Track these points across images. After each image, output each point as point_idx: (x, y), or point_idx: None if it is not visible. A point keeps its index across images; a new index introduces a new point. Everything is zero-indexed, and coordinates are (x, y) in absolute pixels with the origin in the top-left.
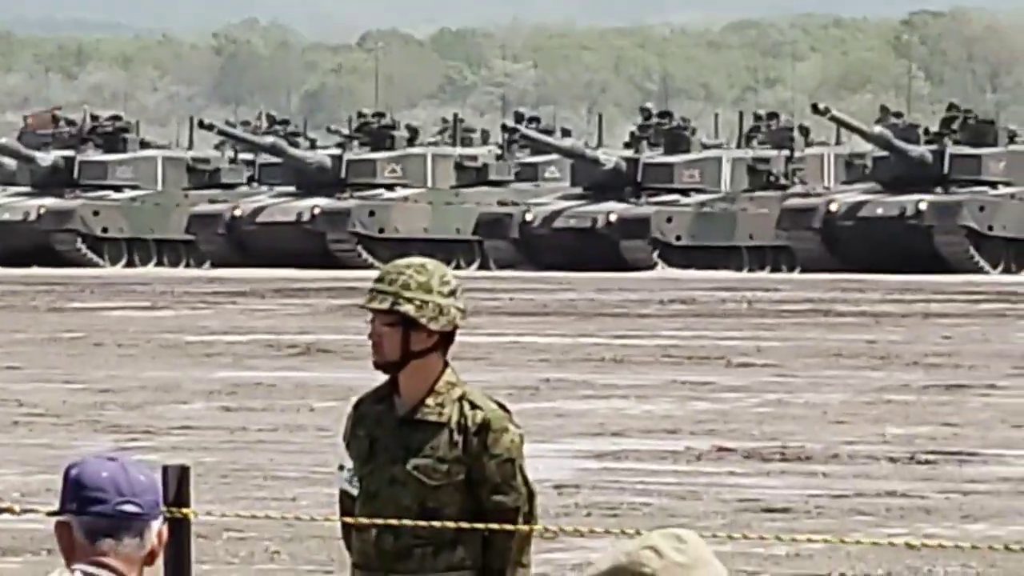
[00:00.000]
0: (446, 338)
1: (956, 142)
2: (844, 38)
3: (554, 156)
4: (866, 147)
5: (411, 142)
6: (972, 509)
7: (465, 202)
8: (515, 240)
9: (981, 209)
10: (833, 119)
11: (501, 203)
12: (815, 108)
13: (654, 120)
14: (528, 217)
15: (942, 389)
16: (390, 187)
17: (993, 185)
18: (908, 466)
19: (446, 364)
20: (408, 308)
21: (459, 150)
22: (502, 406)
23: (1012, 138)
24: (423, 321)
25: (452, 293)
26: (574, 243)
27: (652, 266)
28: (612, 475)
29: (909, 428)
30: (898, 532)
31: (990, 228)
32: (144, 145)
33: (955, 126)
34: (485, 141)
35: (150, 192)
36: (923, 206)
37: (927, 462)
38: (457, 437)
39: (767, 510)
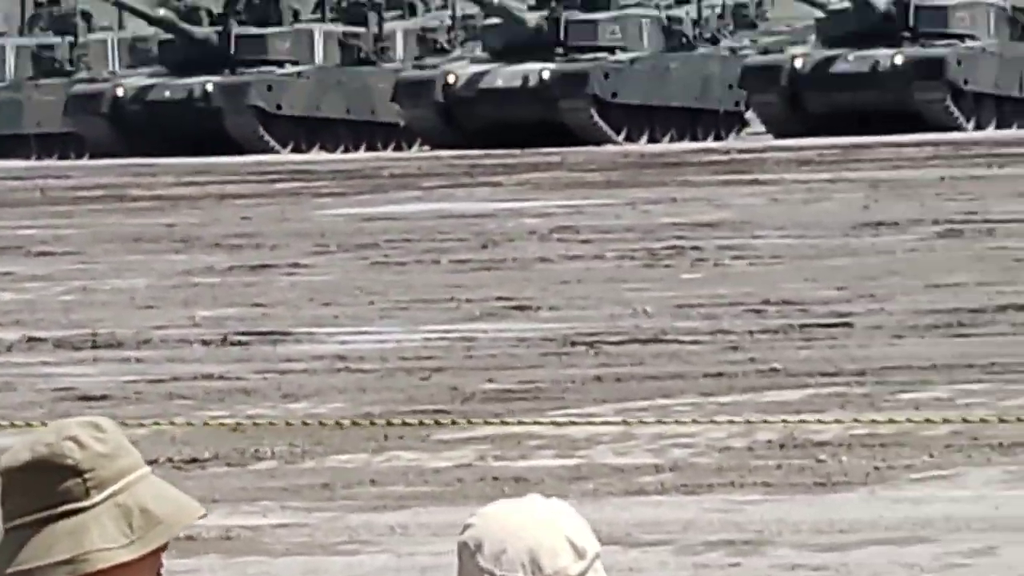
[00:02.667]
0: None
1: (241, 23)
2: None
3: None
4: (149, 31)
5: (296, 18)
6: (291, 388)
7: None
8: None
9: (269, 88)
10: (116, 4)
11: None
12: None
13: None
14: None
15: (247, 270)
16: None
17: (280, 64)
18: (222, 348)
19: None
20: None
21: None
22: None
23: (296, 16)
24: None
25: None
26: None
27: None
28: None
29: (218, 310)
30: (219, 414)
31: (278, 107)
32: None
33: (239, 7)
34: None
35: None
36: (210, 87)
37: (240, 343)
38: None
39: (84, 398)
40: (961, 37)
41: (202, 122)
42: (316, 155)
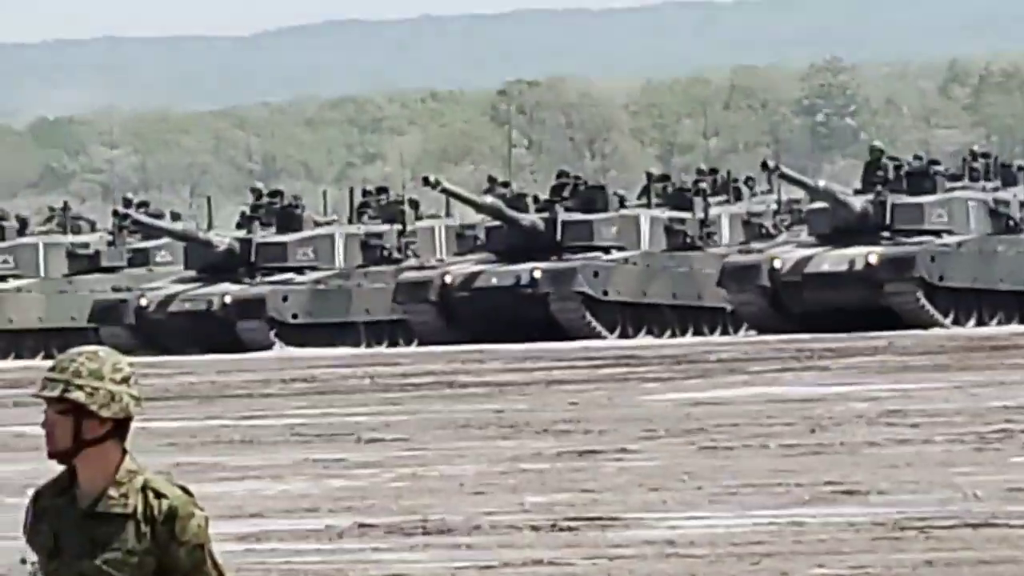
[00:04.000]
0: (120, 425)
1: (568, 209)
2: (442, 111)
3: (165, 240)
4: (476, 218)
5: (22, 232)
6: (620, 573)
7: (79, 290)
8: (131, 326)
9: (595, 275)
10: (444, 191)
11: (115, 289)
12: (426, 181)
13: (265, 200)
14: (143, 302)
15: (575, 455)
16: (2, 279)
17: (606, 250)
18: (551, 534)
19: (124, 452)
20: (78, 395)
21: (70, 238)
22: (185, 489)
23: (622, 203)
24: (94, 408)
25: (125, 380)
26: (190, 326)
27: (270, 346)
28: (256, 556)
29: (547, 496)
30: None
31: (605, 293)
32: None
33: (566, 193)
34: (94, 228)
35: None
36: (537, 274)
37: (569, 529)
38: (144, 528)
39: None
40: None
41: (529, 308)
42: (643, 340)
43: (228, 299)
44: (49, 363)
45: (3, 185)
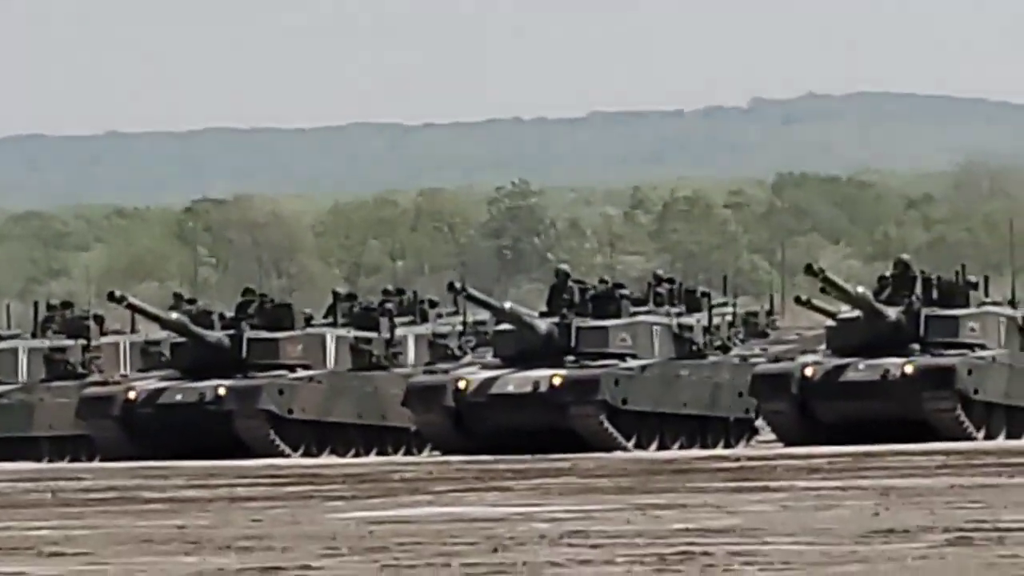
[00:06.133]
0: None
1: (253, 326)
2: (128, 228)
3: None
4: (161, 334)
5: (308, 323)
6: None
7: None
8: None
9: (280, 392)
10: (129, 307)
11: None
12: (111, 296)
13: None
14: None
15: (257, 572)
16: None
17: (292, 368)
18: None
19: None
20: None
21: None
22: None
23: (308, 321)
24: None
25: None
26: None
27: None
28: None
29: None
30: None
31: (290, 411)
32: None
33: (251, 310)
34: None
35: None
36: (222, 391)
37: None
38: None
39: None
40: (971, 347)
41: (213, 425)
42: (327, 459)
43: None
44: None
45: None
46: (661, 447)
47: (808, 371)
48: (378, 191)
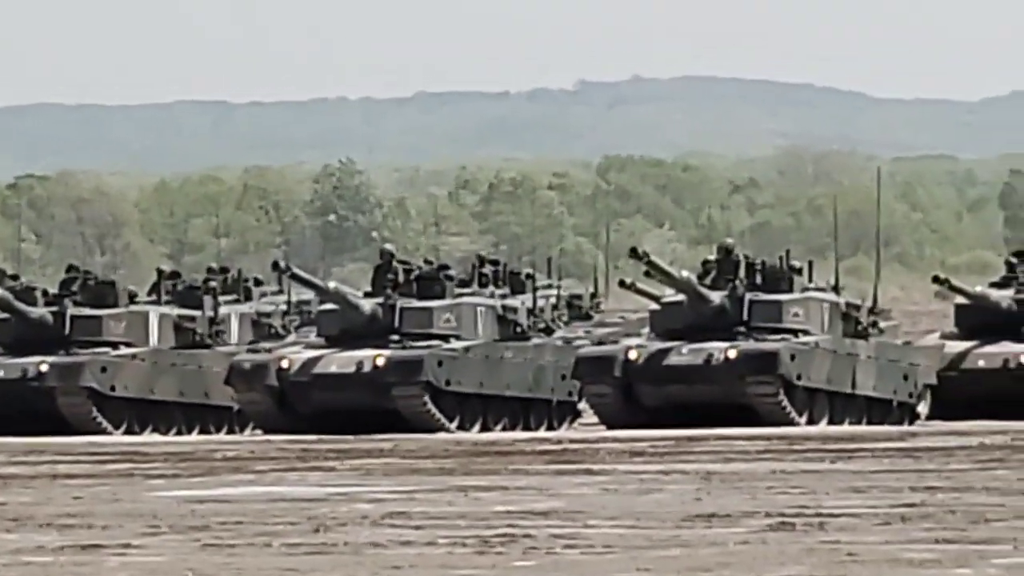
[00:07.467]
0: None
1: (77, 303)
2: None
3: None
4: None
5: (132, 300)
6: None
7: None
8: None
9: (103, 370)
10: None
11: None
12: None
13: None
14: None
15: (78, 549)
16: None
17: (115, 346)
18: None
19: None
20: None
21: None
22: None
23: (132, 299)
24: None
25: None
26: None
27: None
28: None
29: None
30: None
31: (112, 388)
32: None
33: (75, 287)
34: None
35: None
36: (44, 367)
37: None
38: None
39: None
40: (795, 332)
41: (35, 402)
42: (149, 437)
43: None
44: None
45: None
46: (484, 429)
47: (632, 354)
48: (202, 168)
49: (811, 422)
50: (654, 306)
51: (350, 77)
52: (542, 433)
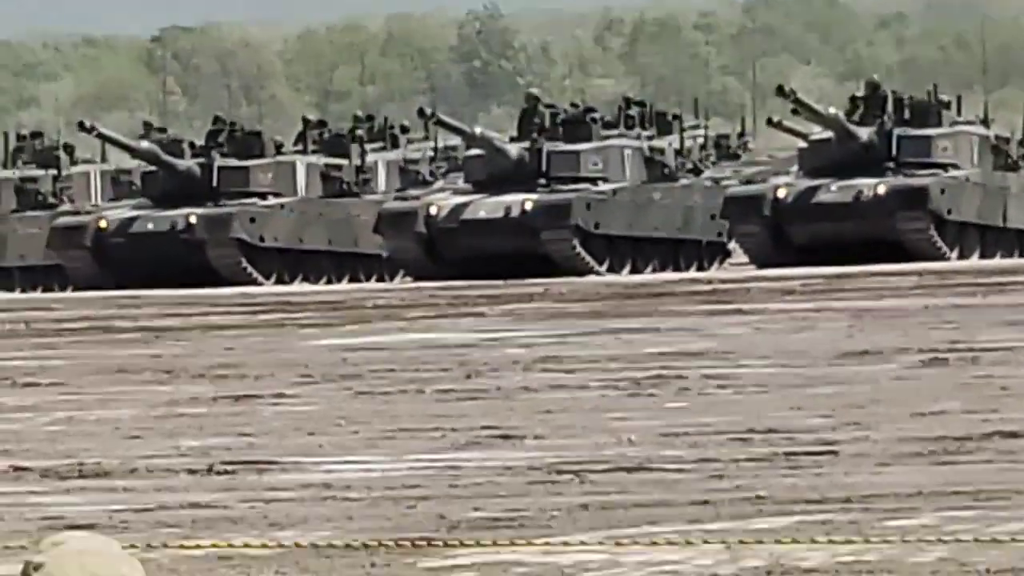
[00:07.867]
0: None
1: (224, 155)
2: (96, 57)
3: None
4: (132, 163)
5: (279, 150)
6: (277, 517)
7: None
8: None
9: (252, 221)
10: (100, 136)
11: None
12: (81, 126)
13: None
14: None
15: (232, 400)
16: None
17: (263, 196)
18: (208, 477)
19: None
20: None
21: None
22: None
23: (279, 149)
24: None
25: None
26: None
27: None
28: None
29: (204, 440)
30: (206, 542)
31: (261, 239)
32: None
33: (221, 139)
34: None
35: None
36: (193, 219)
37: (226, 472)
38: None
39: (72, 527)
40: (944, 167)
41: (185, 254)
42: (299, 287)
43: None
44: None
45: None
46: (633, 271)
47: (780, 193)
48: (345, 17)
49: (962, 256)
50: (802, 144)
51: None
52: (692, 274)
